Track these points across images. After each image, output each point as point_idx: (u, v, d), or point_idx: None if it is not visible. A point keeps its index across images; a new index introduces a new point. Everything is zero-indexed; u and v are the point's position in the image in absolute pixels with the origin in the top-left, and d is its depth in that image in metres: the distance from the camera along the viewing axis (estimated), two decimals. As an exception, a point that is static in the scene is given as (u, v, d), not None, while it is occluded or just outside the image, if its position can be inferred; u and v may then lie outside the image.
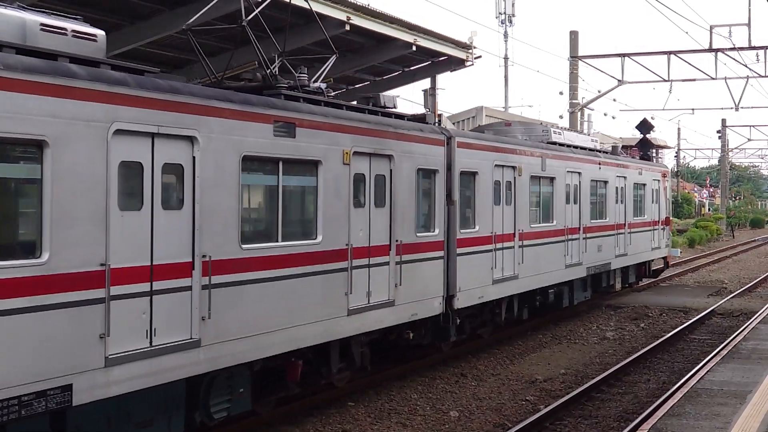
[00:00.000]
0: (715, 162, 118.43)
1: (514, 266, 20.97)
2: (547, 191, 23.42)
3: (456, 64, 29.17)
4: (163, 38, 20.74)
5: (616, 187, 28.76)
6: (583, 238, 25.57)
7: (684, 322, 26.01)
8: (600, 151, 28.00)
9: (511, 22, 69.96)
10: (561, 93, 51.28)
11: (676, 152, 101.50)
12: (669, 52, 41.91)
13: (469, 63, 29.08)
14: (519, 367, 19.87)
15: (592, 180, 26.38)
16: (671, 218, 38.93)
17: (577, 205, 25.24)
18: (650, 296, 32.73)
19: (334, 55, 16.38)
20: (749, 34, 40.75)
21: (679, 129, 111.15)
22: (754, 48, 41.43)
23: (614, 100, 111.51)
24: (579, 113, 45.84)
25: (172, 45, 21.96)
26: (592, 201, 26.59)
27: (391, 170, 16.16)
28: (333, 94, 16.50)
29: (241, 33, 15.12)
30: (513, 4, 69.82)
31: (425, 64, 29.09)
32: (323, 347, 14.70)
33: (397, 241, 16.27)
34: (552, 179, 23.48)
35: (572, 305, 25.98)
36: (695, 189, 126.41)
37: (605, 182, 27.68)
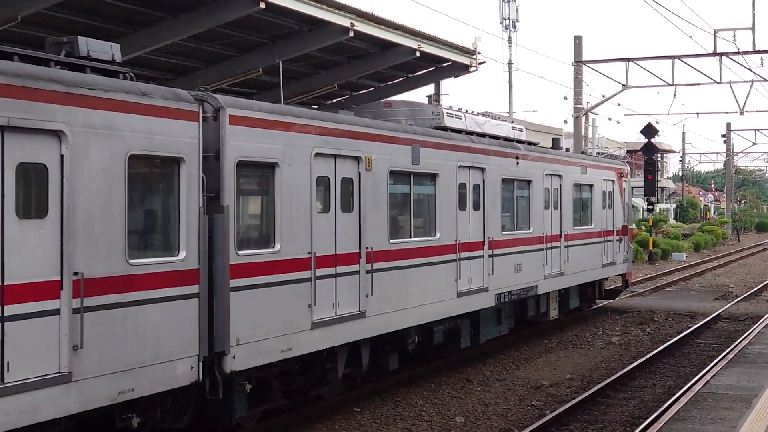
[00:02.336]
0: (720, 166, 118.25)
1: (358, 298, 15.17)
2: (423, 194, 17.84)
3: (460, 69, 29.17)
4: (168, 45, 20.78)
5: (546, 189, 23.08)
6: (491, 256, 19.79)
7: (690, 327, 25.98)
8: (521, 142, 22.29)
9: (515, 27, 69.95)
10: (565, 98, 51.39)
11: (681, 156, 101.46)
12: (673, 57, 41.89)
13: (473, 69, 29.07)
14: (525, 372, 19.86)
15: (505, 178, 20.69)
16: (633, 227, 32.79)
17: (479, 211, 19.42)
18: (656, 301, 32.70)
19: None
20: (753, 38, 40.73)
21: (684, 133, 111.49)
22: (759, 52, 41.40)
23: (619, 104, 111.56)
24: (584, 118, 45.87)
25: (177, 52, 22.01)
26: (507, 206, 21.17)
27: (62, 156, 10.16)
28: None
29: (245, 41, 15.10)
30: (517, 10, 69.82)
31: (429, 69, 29.10)
32: None
33: (76, 275, 10.27)
34: (433, 176, 17.72)
35: (478, 343, 20.26)
36: (700, 193, 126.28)
37: (528, 182, 22.00)
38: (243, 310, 12.65)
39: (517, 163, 21.35)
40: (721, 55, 41.19)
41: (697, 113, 69.45)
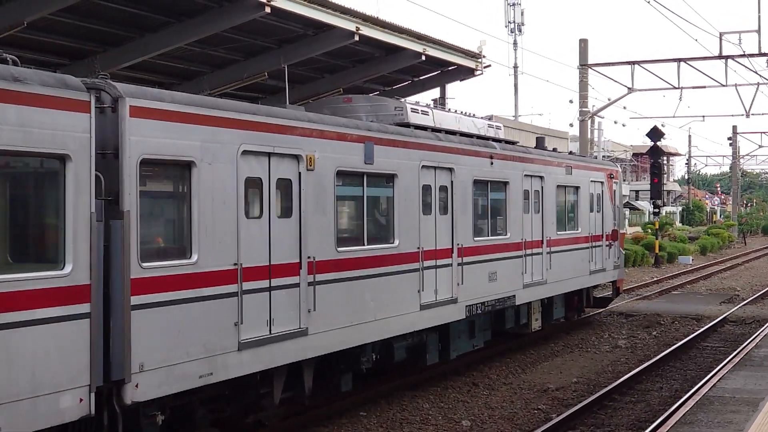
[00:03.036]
0: (726, 169, 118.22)
1: (298, 314, 13.60)
2: (379, 196, 16.48)
3: (465, 73, 29.16)
4: (174, 50, 20.81)
5: (525, 191, 21.33)
6: (461, 264, 18.12)
7: (696, 330, 25.96)
8: (497, 140, 20.67)
9: (520, 31, 70.05)
10: (571, 101, 51.50)
11: (687, 159, 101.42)
12: (679, 60, 41.84)
13: (478, 72, 29.05)
14: (531, 375, 19.85)
15: (477, 179, 18.98)
16: (624, 231, 30.58)
17: (447, 216, 17.84)
18: (662, 304, 32.65)
19: None
20: (759, 41, 40.64)
21: (689, 136, 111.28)
22: (765, 54, 41.32)
23: (624, 107, 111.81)
24: (589, 121, 45.85)
25: (183, 57, 22.03)
26: (480, 210, 19.60)
27: None
28: None
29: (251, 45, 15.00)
30: (522, 13, 69.89)
31: (435, 73, 29.09)
32: None
33: None
34: (390, 177, 16.17)
35: (448, 359, 18.79)
36: (706, 196, 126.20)
37: (504, 183, 20.29)
38: (149, 331, 10.98)
39: (492, 163, 19.64)
40: (727, 57, 41.13)
41: (703, 116, 69.46)
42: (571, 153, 26.94)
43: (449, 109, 19.92)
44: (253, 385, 13.12)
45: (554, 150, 25.52)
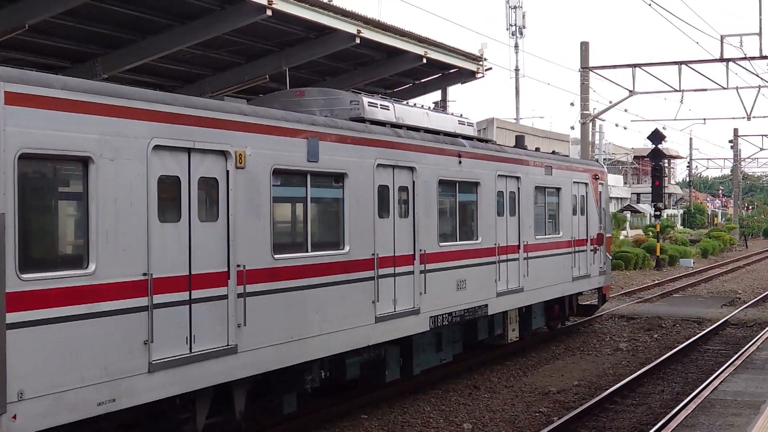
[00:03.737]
0: (727, 172, 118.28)
1: (226, 330, 12.16)
2: (325, 198, 14.95)
3: (467, 76, 29.17)
4: (175, 53, 20.83)
5: (499, 192, 19.87)
6: (423, 272, 16.68)
7: (697, 333, 25.96)
8: (468, 138, 19.22)
9: (521, 33, 70.00)
10: (572, 104, 51.43)
11: (689, 162, 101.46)
12: (680, 62, 41.85)
13: (479, 75, 29.07)
14: (532, 378, 19.84)
15: (443, 180, 17.61)
16: (611, 235, 28.94)
17: (407, 219, 16.43)
18: (663, 307, 32.65)
19: None
20: (760, 44, 40.66)
21: (691, 139, 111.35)
22: (766, 57, 41.31)
23: (626, 110, 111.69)
24: (590, 124, 45.85)
25: (184, 60, 22.05)
26: (446, 213, 18.17)
27: None
28: None
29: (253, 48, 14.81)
30: (523, 16, 69.89)
31: (436, 76, 29.10)
32: None
33: None
34: (340, 177, 14.74)
35: (411, 375, 17.33)
36: (708, 199, 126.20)
37: (474, 184, 18.86)
38: (31, 354, 9.51)
39: (460, 162, 18.18)
40: (728, 60, 41.14)
41: (704, 119, 69.21)
42: (554, 152, 25.35)
43: (416, 105, 18.59)
44: (172, 410, 11.66)
45: (536, 150, 24.52)
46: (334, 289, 14.30)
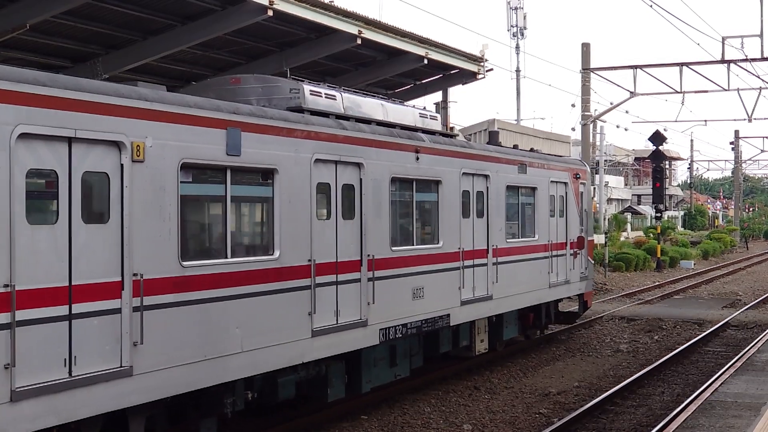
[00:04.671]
0: (728, 173, 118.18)
1: (119, 348, 10.48)
2: (252, 197, 13.45)
3: (468, 77, 29.21)
4: (176, 53, 20.84)
5: (464, 191, 18.30)
6: (371, 279, 15.12)
7: (698, 334, 25.93)
8: (430, 132, 17.71)
9: (522, 35, 69.91)
10: (573, 105, 51.31)
11: (690, 164, 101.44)
12: (681, 64, 41.82)
13: (480, 76, 29.11)
14: (533, 379, 19.83)
15: (398, 178, 16.12)
16: (593, 238, 27.09)
17: (353, 221, 14.83)
18: (664, 308, 32.63)
19: None
20: (761, 45, 40.57)
21: (692, 141, 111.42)
22: (767, 59, 41.32)
23: (627, 112, 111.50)
24: (591, 125, 45.85)
25: (185, 60, 22.07)
26: (401, 214, 16.68)
27: None
28: None
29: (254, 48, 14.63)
30: (525, 17, 69.82)
31: (437, 77, 29.14)
32: None
33: None
34: (269, 173, 13.05)
35: (360, 392, 15.82)
36: (709, 201, 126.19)
37: (435, 182, 17.28)
38: None
39: (417, 158, 16.60)
40: (730, 62, 41.11)
41: (705, 121, 69.39)
42: (532, 150, 23.68)
43: (378, 96, 17.14)
44: None
45: (531, 150, 23.48)
46: (261, 299, 12.64)
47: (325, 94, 15.03)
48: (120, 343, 10.43)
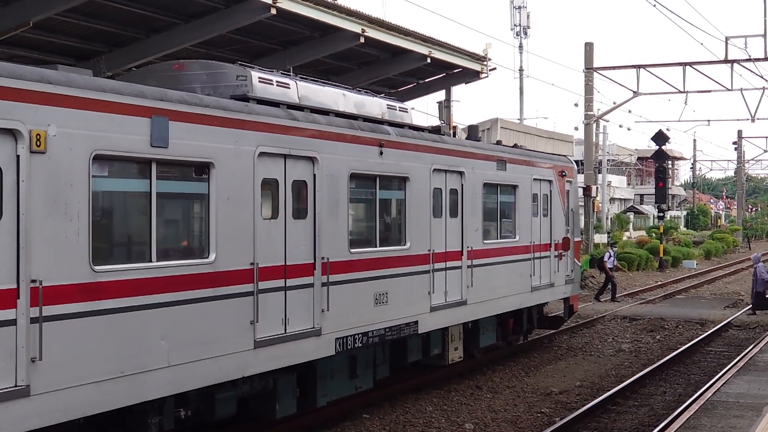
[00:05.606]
0: (731, 173, 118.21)
1: (13, 366, 9.15)
2: (181, 194, 12.06)
3: (471, 76, 29.22)
4: (179, 51, 20.85)
5: (436, 189, 17.05)
6: (326, 284, 13.79)
7: (700, 334, 25.93)
8: (398, 126, 16.42)
9: (526, 34, 69.88)
10: (576, 105, 51.32)
11: (692, 164, 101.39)
12: (684, 64, 41.84)
13: (483, 75, 29.12)
14: (534, 379, 19.83)
15: (357, 173, 14.75)
16: (580, 239, 25.74)
17: (305, 221, 13.51)
18: (666, 308, 32.63)
19: None
20: (765, 45, 40.57)
21: (694, 140, 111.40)
22: (770, 59, 41.30)
23: (630, 111, 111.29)
24: (594, 125, 45.84)
25: (188, 58, 22.07)
26: (362, 213, 15.79)
27: None
28: None
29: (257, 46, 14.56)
30: (528, 17, 69.81)
31: (440, 76, 29.15)
32: None
33: None
34: (203, 168, 11.77)
35: (315, 406, 14.53)
36: (711, 201, 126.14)
37: (402, 179, 16.03)
38: None
39: (381, 153, 15.24)
40: (733, 62, 41.11)
41: (708, 120, 69.31)
42: (515, 146, 22.02)
43: (324, 83, 15.65)
44: None
45: (515, 146, 21.96)
46: (192, 307, 11.35)
47: (277, 82, 13.72)
48: (15, 359, 9.05)
